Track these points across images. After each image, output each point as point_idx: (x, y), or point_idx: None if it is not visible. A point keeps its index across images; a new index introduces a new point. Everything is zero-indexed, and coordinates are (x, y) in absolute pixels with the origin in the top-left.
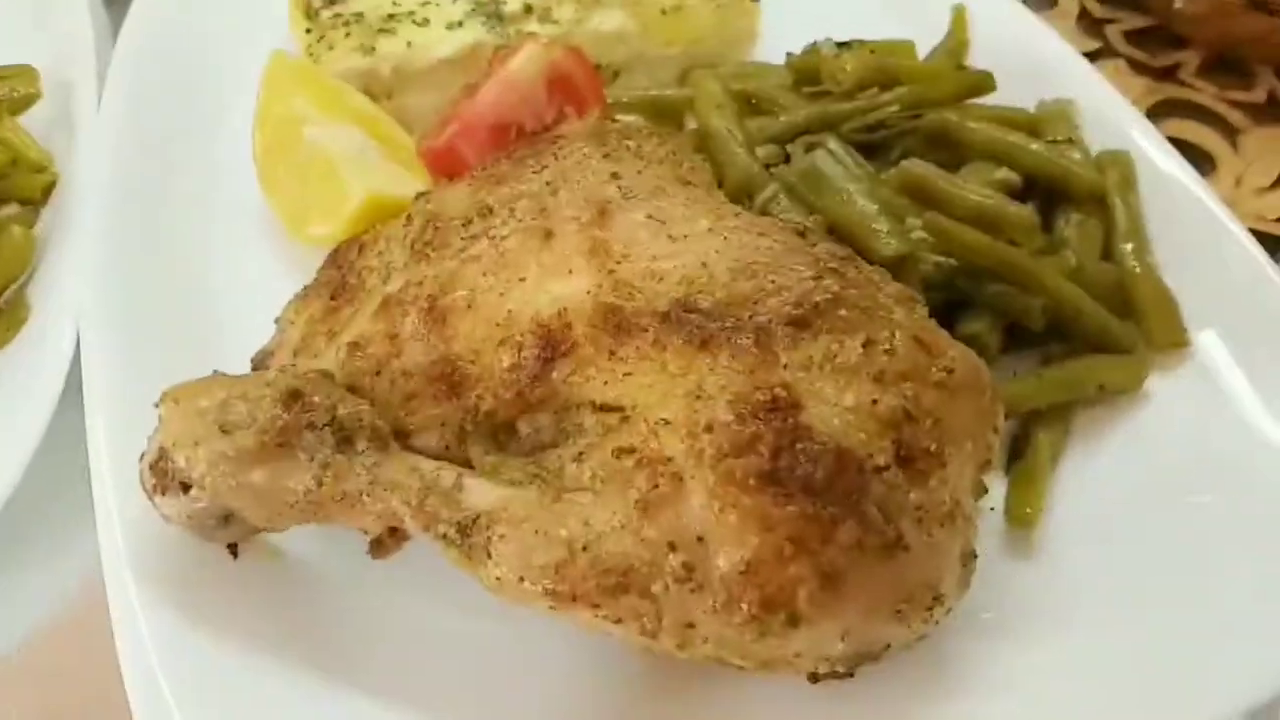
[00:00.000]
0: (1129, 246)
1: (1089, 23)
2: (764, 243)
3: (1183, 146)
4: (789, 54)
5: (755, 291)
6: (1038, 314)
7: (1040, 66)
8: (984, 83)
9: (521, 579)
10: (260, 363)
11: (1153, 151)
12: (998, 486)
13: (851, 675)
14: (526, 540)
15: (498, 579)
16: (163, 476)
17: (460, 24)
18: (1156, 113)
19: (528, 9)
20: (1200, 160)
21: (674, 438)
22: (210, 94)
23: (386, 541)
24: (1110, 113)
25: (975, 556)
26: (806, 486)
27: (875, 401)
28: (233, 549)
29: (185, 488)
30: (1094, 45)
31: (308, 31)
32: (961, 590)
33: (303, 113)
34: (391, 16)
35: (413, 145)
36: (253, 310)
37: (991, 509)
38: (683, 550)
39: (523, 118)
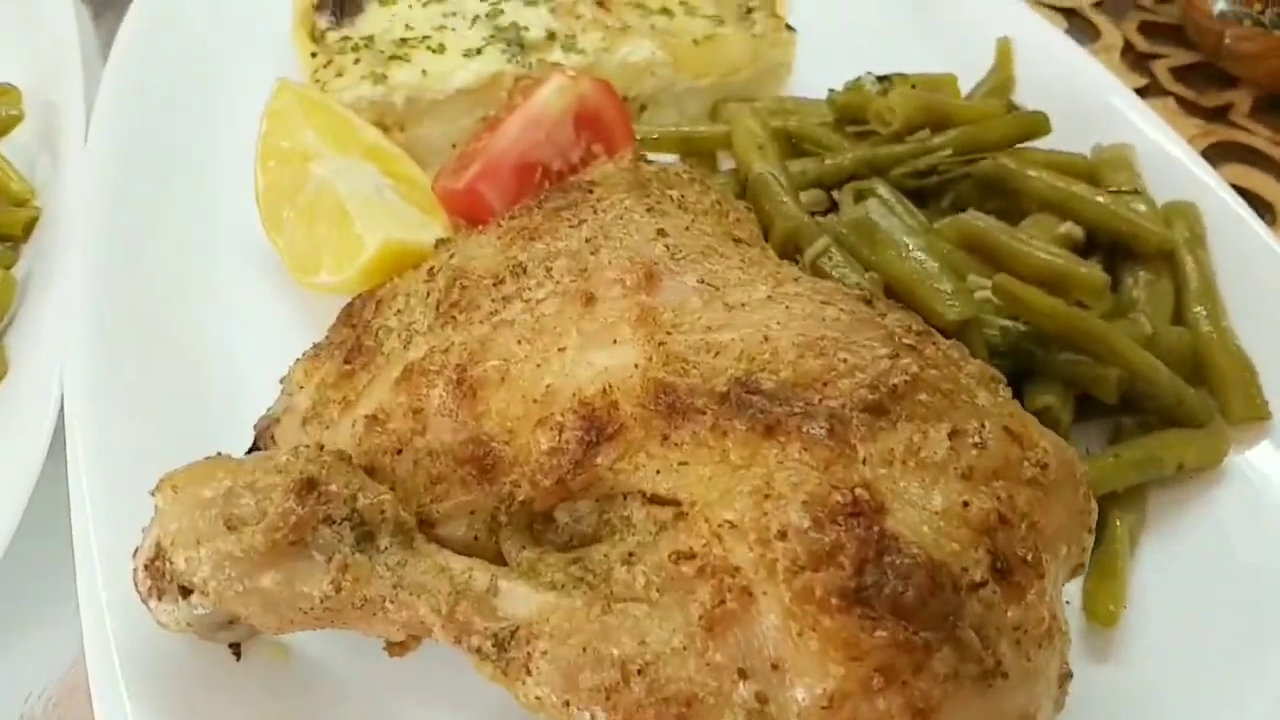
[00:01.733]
0: (1201, 309)
1: (1134, 57)
2: (830, 313)
3: (1239, 194)
4: (831, 90)
5: (824, 371)
6: (1113, 386)
7: (1092, 106)
8: (1039, 125)
9: (567, 703)
10: (264, 430)
11: (1221, 203)
12: None
13: None
14: (573, 658)
15: (538, 699)
16: (159, 578)
17: (479, 51)
18: (1209, 156)
19: (551, 36)
20: (1258, 209)
21: (741, 544)
22: (208, 123)
23: (406, 638)
24: (1173, 159)
25: (1071, 676)
26: (896, 608)
27: (966, 504)
28: (235, 649)
29: (185, 592)
30: (1141, 82)
31: (314, 56)
32: (1057, 712)
33: (310, 147)
34: (404, 41)
35: (429, 183)
36: (256, 365)
37: (1068, 603)
38: (755, 679)
39: (548, 157)
